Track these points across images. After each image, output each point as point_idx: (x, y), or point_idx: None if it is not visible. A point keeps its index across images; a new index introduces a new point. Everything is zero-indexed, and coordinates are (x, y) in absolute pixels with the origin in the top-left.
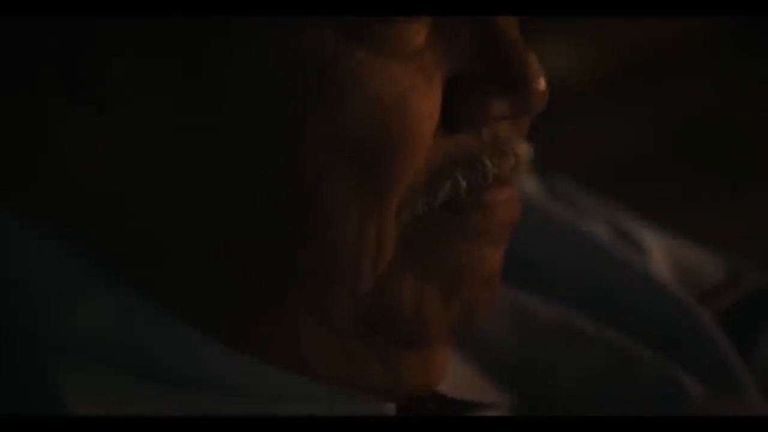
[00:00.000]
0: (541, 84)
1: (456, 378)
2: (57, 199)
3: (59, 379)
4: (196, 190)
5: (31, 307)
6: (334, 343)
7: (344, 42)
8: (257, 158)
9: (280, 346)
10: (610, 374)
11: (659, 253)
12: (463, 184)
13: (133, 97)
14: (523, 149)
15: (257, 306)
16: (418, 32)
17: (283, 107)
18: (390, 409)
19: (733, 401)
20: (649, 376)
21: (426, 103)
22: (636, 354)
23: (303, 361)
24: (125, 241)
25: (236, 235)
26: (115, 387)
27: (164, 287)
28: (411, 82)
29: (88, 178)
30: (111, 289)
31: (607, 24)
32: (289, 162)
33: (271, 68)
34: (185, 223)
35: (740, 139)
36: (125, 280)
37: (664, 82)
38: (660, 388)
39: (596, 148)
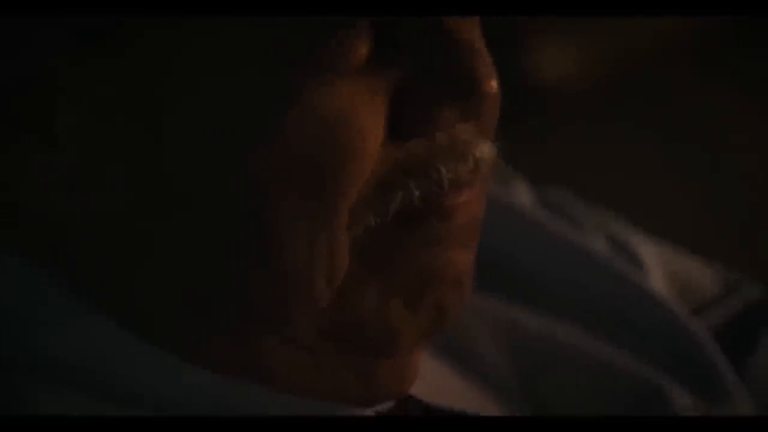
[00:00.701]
0: (492, 86)
1: (446, 390)
2: (20, 228)
3: (39, 405)
4: (146, 216)
5: (10, 332)
6: (303, 357)
7: (286, 61)
8: (203, 180)
9: (252, 365)
10: (598, 388)
11: (655, 264)
12: (417, 193)
13: (78, 130)
14: (485, 150)
15: (222, 327)
16: (359, 46)
17: (226, 129)
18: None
19: (724, 414)
20: (637, 390)
21: (370, 118)
22: (625, 367)
23: (276, 378)
24: (85, 267)
25: (190, 258)
26: (89, 412)
27: (129, 313)
28: (354, 97)
29: (39, 210)
30: (82, 314)
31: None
32: (235, 183)
33: (214, 91)
34: (140, 250)
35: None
36: (92, 305)
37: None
38: (646, 401)
39: (592, 155)
